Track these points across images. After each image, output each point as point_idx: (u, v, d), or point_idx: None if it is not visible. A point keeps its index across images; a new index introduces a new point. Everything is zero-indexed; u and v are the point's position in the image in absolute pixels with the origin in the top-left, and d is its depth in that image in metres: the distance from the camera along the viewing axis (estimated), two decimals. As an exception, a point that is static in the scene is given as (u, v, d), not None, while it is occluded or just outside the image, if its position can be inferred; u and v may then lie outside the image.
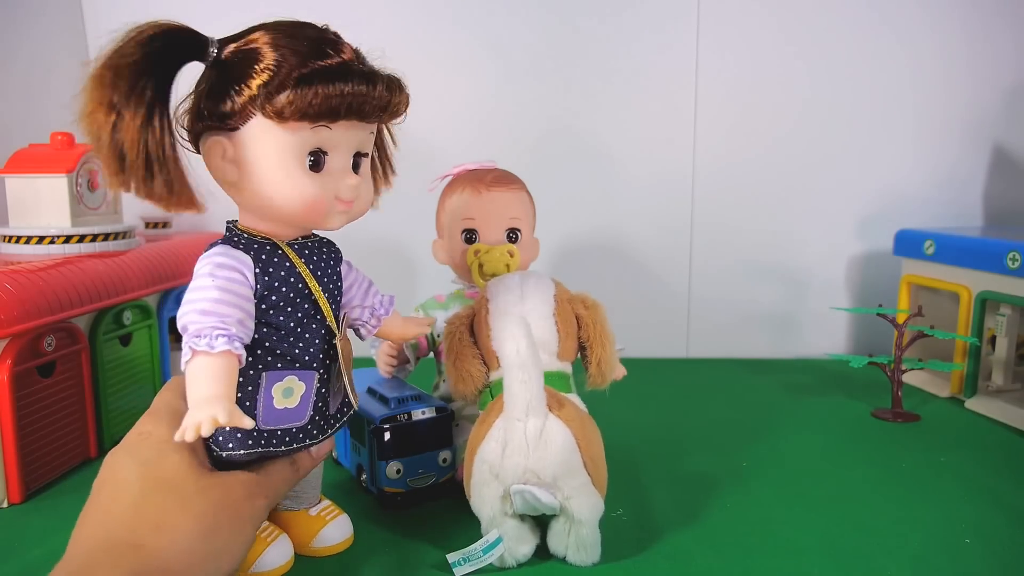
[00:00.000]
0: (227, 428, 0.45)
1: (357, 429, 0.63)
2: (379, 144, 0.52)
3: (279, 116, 0.41)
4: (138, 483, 0.41)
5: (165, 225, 0.98)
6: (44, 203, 0.73)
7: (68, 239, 0.73)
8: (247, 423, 0.40)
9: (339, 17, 0.46)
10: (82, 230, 0.74)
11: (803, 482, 0.65)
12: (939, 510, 0.59)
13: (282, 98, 0.41)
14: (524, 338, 0.48)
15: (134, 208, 0.87)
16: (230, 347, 0.41)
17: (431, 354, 0.72)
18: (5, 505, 0.61)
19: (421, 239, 0.79)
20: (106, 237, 0.76)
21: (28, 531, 0.57)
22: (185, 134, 0.44)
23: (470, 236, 0.68)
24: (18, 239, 0.72)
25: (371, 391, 0.65)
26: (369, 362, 0.72)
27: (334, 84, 0.41)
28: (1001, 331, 0.83)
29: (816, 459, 0.70)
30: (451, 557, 0.51)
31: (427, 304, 0.72)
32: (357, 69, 0.43)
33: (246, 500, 0.44)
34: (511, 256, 0.67)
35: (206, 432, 0.38)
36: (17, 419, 0.61)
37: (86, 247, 0.74)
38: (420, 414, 0.61)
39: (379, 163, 0.53)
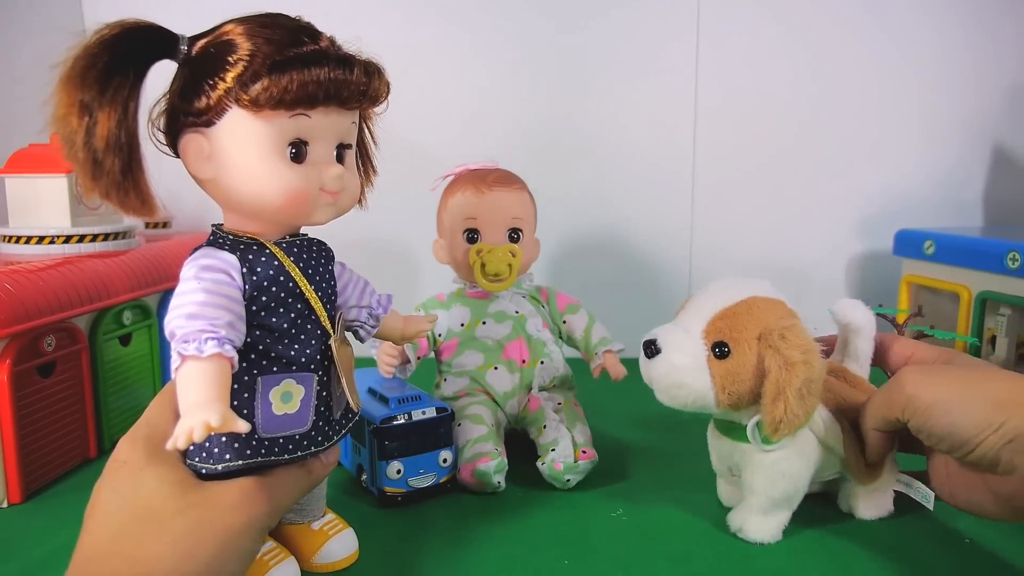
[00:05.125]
0: (222, 438, 0.43)
1: (357, 429, 0.63)
2: (360, 142, 0.50)
3: (254, 105, 0.40)
4: (117, 515, 0.40)
5: (165, 225, 0.97)
6: (44, 203, 0.73)
7: (68, 239, 0.73)
8: (242, 426, 0.38)
9: (341, 16, 0.46)
10: (82, 230, 0.74)
11: (803, 482, 0.65)
12: (939, 510, 0.59)
13: (257, 86, 0.40)
14: None
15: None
16: (220, 350, 0.40)
17: (432, 354, 0.72)
18: (5, 505, 0.61)
19: (422, 239, 0.79)
20: (106, 237, 0.76)
21: (28, 531, 0.57)
22: (162, 137, 0.44)
23: (472, 236, 0.68)
24: (18, 239, 0.72)
25: (371, 391, 0.65)
26: (370, 362, 0.72)
27: (309, 69, 0.40)
28: (1001, 331, 0.83)
29: (816, 459, 0.70)
30: None
31: (428, 303, 0.72)
32: (333, 54, 0.42)
33: (236, 510, 0.41)
34: (513, 256, 0.67)
35: (198, 437, 0.36)
36: (17, 419, 0.61)
37: (86, 247, 0.74)
38: (420, 414, 0.61)
39: (360, 161, 0.51)
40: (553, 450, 0.63)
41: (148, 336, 0.79)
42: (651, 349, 0.53)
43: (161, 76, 0.42)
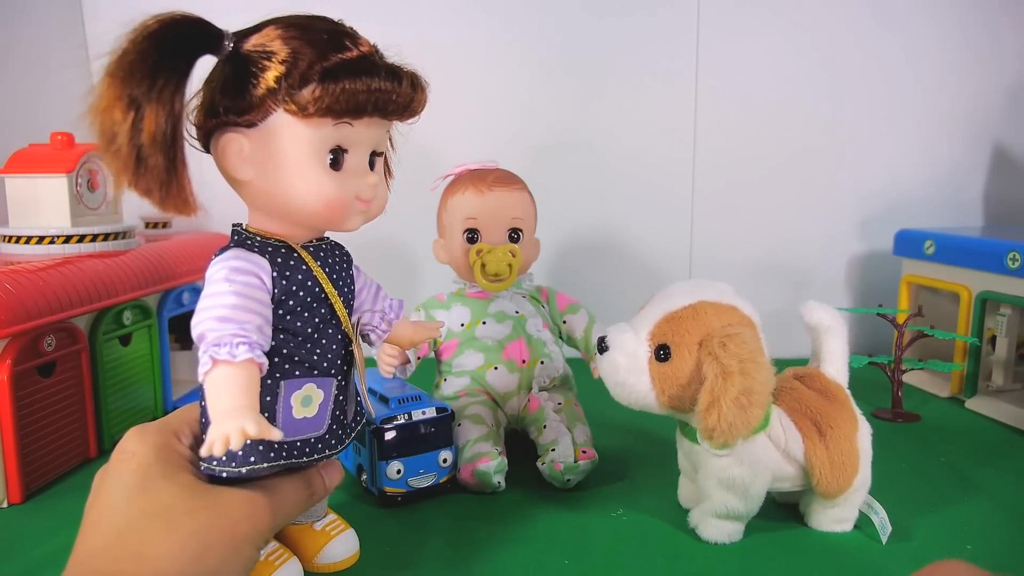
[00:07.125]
0: (246, 441, 0.42)
1: (358, 429, 0.63)
2: None
3: (303, 111, 0.40)
4: (123, 508, 0.40)
5: (165, 225, 0.97)
6: (44, 203, 0.73)
7: (68, 239, 0.73)
8: (276, 434, 0.38)
9: (343, 16, 0.46)
10: (82, 230, 0.73)
11: (803, 482, 0.65)
12: (939, 510, 0.59)
13: (306, 92, 0.40)
14: None
15: (134, 208, 0.87)
16: (252, 355, 0.39)
17: (432, 354, 0.72)
18: (5, 505, 0.61)
19: (422, 238, 0.79)
20: (106, 237, 0.76)
21: (28, 531, 0.57)
22: (194, 131, 0.43)
23: (472, 236, 0.68)
24: (18, 239, 0.72)
25: (371, 391, 0.65)
26: (369, 362, 0.72)
27: (361, 78, 0.40)
28: (1001, 331, 0.83)
29: (816, 459, 0.70)
30: None
31: (428, 304, 0.72)
32: (381, 64, 0.42)
33: (245, 519, 0.41)
34: (513, 256, 0.67)
35: (235, 444, 0.36)
36: (17, 419, 0.61)
37: (86, 247, 0.74)
38: (420, 414, 0.61)
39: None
40: (553, 450, 0.63)
41: (148, 336, 0.79)
42: (602, 345, 0.54)
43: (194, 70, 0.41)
